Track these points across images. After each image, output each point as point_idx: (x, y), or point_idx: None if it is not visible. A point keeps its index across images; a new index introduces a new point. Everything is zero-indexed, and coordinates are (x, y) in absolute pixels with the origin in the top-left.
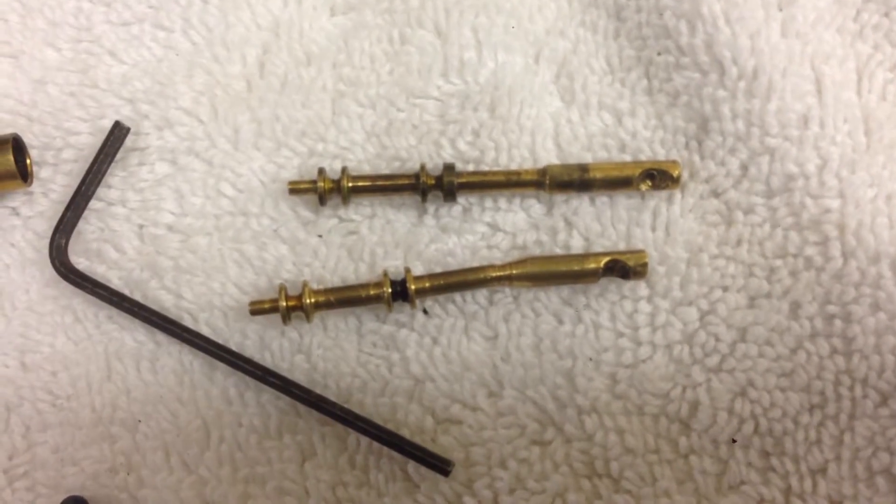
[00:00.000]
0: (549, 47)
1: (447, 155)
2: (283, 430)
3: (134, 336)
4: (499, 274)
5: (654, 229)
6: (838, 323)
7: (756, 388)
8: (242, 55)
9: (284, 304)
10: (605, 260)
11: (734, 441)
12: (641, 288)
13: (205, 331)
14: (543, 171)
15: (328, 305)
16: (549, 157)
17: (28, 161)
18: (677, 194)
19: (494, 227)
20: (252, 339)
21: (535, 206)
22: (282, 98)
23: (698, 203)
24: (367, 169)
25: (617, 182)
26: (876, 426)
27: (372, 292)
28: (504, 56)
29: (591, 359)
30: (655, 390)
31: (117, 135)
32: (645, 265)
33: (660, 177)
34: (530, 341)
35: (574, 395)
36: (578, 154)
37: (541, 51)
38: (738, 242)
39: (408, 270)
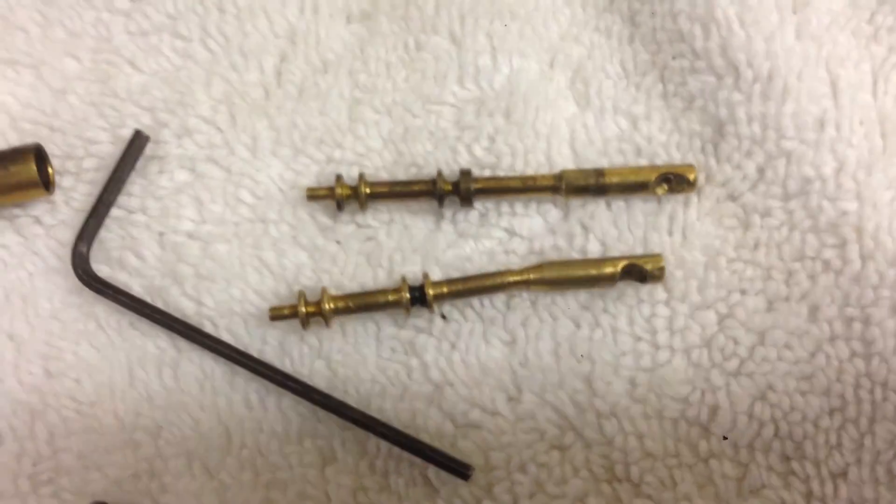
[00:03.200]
0: (564, 53)
1: (463, 161)
2: (304, 436)
3: (156, 343)
4: (516, 279)
5: (671, 233)
6: (857, 326)
7: (776, 392)
8: (260, 63)
9: (304, 309)
10: (622, 264)
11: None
12: (659, 292)
13: (225, 337)
14: (559, 176)
15: (347, 311)
16: (564, 162)
17: (50, 170)
18: (694, 198)
19: (511, 232)
20: (272, 345)
21: (552, 211)
22: (299, 105)
23: (715, 207)
24: (384, 175)
25: (633, 186)
26: None
27: (390, 297)
28: (519, 62)
29: (609, 363)
30: (675, 394)
31: (137, 143)
32: (662, 269)
33: (676, 181)
34: (549, 346)
35: (593, 399)
36: (594, 159)
37: (555, 56)
38: (756, 246)
39: (426, 275)
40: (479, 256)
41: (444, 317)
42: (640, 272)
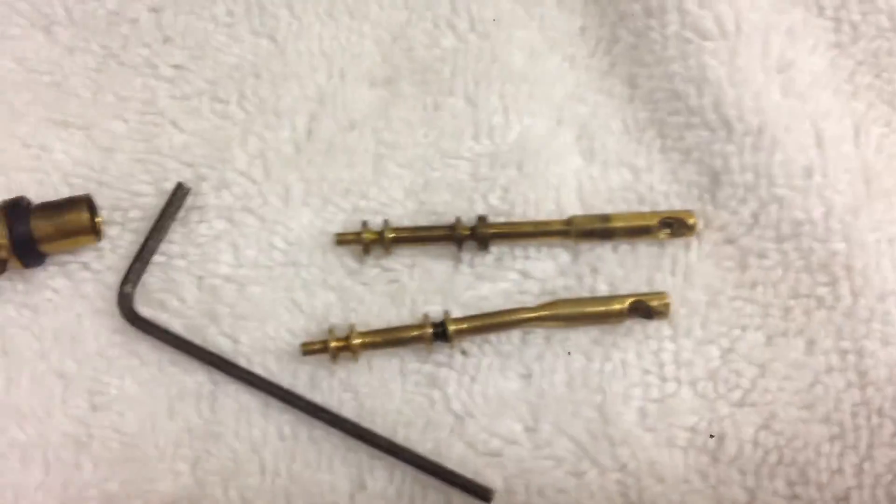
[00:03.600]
0: (570, 111)
1: (480, 209)
2: (335, 464)
3: (194, 378)
4: (531, 315)
5: (673, 274)
6: (852, 357)
7: (778, 421)
8: (292, 122)
9: (334, 344)
10: (629, 301)
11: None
12: (665, 328)
13: (259, 372)
14: (569, 221)
15: (374, 346)
16: (573, 209)
17: (98, 219)
18: (694, 241)
19: (525, 275)
20: (303, 379)
21: (562, 255)
22: (328, 160)
23: (714, 249)
24: (407, 223)
25: (637, 230)
26: (894, 454)
27: (414, 333)
28: (529, 120)
29: (620, 394)
30: (683, 423)
31: (179, 195)
32: (667, 305)
33: (677, 225)
34: (563, 378)
35: (606, 427)
36: (600, 206)
37: (562, 115)
38: (754, 285)
39: (446, 313)
40: (495, 296)
41: (463, 352)
42: (646, 309)
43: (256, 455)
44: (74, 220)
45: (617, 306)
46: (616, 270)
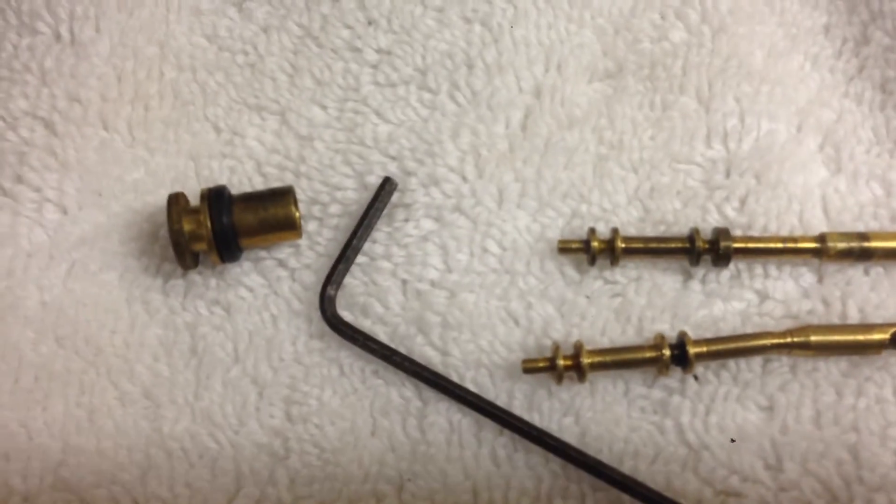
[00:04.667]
0: (813, 117)
1: (713, 220)
2: (555, 495)
3: (400, 392)
4: (778, 341)
5: None
6: None
7: None
8: (507, 117)
9: (561, 362)
10: (892, 331)
11: None
12: None
13: (472, 389)
14: (822, 238)
15: (603, 366)
16: (819, 225)
17: (297, 214)
18: None
19: (763, 295)
20: (519, 398)
21: (806, 275)
22: (545, 159)
23: None
24: (631, 231)
25: None
26: None
27: (648, 355)
28: (767, 124)
29: (876, 433)
30: None
31: (387, 189)
32: None
33: None
34: (810, 413)
35: (860, 471)
36: (849, 224)
37: (804, 120)
38: None
39: (685, 334)
40: (731, 317)
41: (696, 378)
42: None
43: (468, 480)
44: (280, 213)
45: (877, 336)
46: (869, 296)
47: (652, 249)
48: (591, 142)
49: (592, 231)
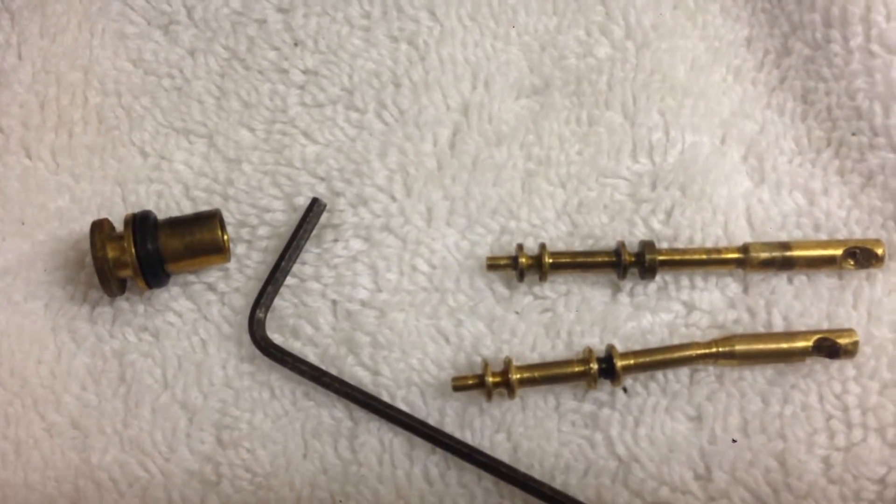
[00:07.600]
0: (737, 128)
1: (640, 233)
2: None
3: (331, 413)
4: (704, 352)
5: (856, 308)
6: None
7: None
8: (434, 135)
9: (490, 379)
10: (814, 338)
11: None
12: (848, 369)
13: (403, 408)
14: (745, 249)
15: (532, 382)
16: (743, 236)
17: (225, 237)
18: (878, 273)
19: (690, 306)
20: (451, 416)
21: (731, 285)
22: (473, 176)
23: None
24: (561, 246)
25: (819, 261)
26: None
27: (576, 369)
28: (692, 137)
29: (802, 440)
30: (871, 475)
31: (315, 211)
32: (856, 344)
33: (862, 255)
34: (737, 422)
35: (787, 478)
36: (773, 234)
37: (728, 132)
38: None
39: (612, 347)
40: (659, 329)
41: (625, 390)
42: (831, 347)
43: (402, 500)
44: (206, 237)
45: (801, 344)
46: (793, 304)
47: (580, 264)
48: (518, 158)
49: (520, 247)
